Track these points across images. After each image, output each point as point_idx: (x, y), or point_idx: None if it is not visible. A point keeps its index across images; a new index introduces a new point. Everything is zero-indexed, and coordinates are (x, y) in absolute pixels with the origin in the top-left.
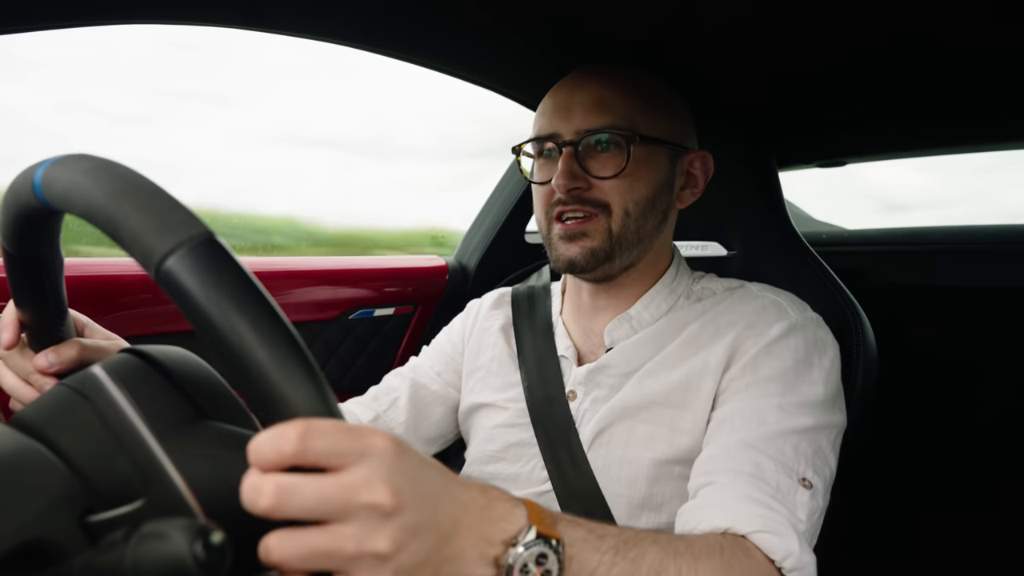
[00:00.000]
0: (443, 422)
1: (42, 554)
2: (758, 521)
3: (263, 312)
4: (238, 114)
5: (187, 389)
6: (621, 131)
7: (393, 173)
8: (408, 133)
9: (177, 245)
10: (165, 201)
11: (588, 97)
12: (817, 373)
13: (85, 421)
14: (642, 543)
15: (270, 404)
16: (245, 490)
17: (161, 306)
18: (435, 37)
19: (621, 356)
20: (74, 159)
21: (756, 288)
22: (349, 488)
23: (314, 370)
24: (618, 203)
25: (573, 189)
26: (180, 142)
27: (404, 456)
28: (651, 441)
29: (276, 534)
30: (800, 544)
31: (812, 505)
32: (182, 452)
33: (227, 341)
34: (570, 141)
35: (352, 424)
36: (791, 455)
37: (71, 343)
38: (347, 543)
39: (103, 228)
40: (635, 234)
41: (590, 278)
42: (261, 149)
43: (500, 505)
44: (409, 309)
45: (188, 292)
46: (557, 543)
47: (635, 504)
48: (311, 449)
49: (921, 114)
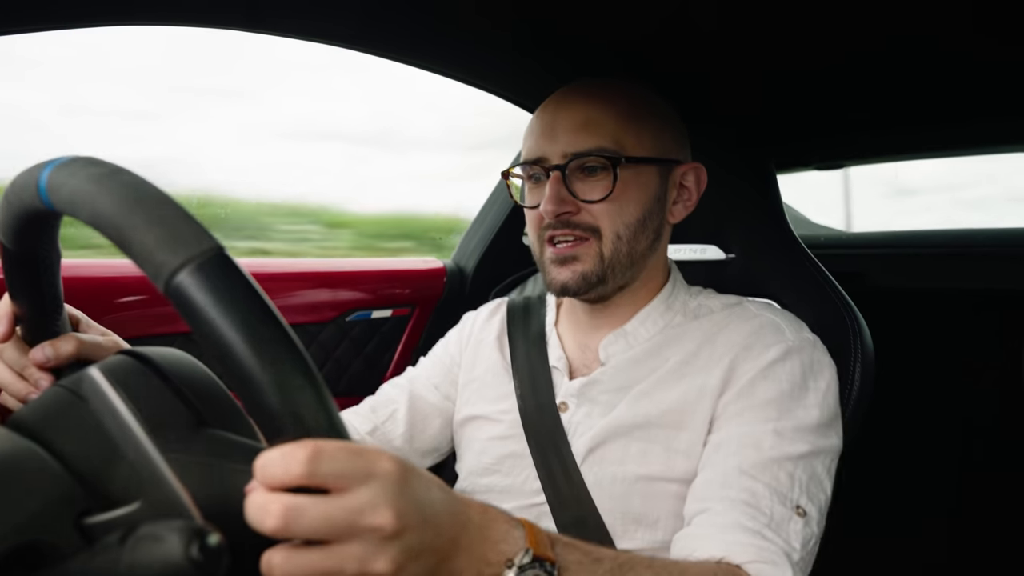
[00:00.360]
0: (440, 435)
1: (38, 556)
2: (752, 551)
3: (273, 331)
4: (249, 109)
5: (185, 393)
6: (607, 153)
7: (403, 164)
8: (416, 125)
9: (187, 260)
10: (175, 213)
11: (574, 118)
12: (813, 397)
13: (82, 423)
14: (637, 567)
15: (280, 423)
16: (251, 508)
17: (158, 307)
18: (433, 41)
19: (615, 372)
20: (81, 163)
21: (754, 307)
22: (354, 511)
23: (323, 391)
24: (608, 227)
25: (562, 214)
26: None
27: (410, 479)
28: (645, 459)
29: (280, 551)
30: (794, 574)
31: (807, 533)
32: (181, 459)
33: (237, 359)
34: (557, 165)
35: (360, 447)
36: (786, 482)
37: (68, 338)
38: (349, 564)
39: (111, 238)
40: (627, 256)
41: (584, 300)
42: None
43: (499, 526)
44: (407, 311)
45: (198, 308)
46: (553, 566)
47: (629, 520)
48: (319, 471)
49: (919, 117)
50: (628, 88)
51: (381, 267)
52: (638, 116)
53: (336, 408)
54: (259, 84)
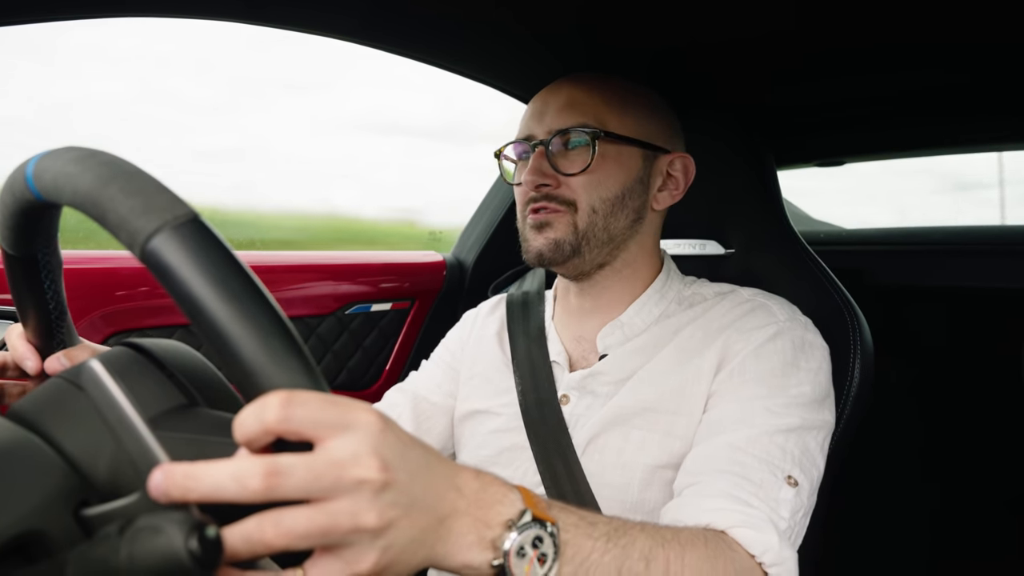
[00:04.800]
0: (444, 434)
1: (37, 547)
2: (736, 517)
3: (246, 288)
4: (316, 100)
5: (180, 379)
6: (588, 128)
7: (470, 157)
8: (485, 116)
9: (162, 225)
10: (150, 184)
11: (560, 99)
12: (804, 375)
13: (81, 414)
14: (631, 531)
15: (252, 379)
16: (234, 474)
17: (156, 299)
18: (437, 35)
19: (615, 363)
20: (63, 150)
21: (747, 292)
22: (337, 464)
23: (297, 344)
24: (584, 200)
25: (542, 186)
26: (259, 129)
27: (390, 431)
28: (645, 446)
29: (269, 517)
30: (780, 540)
31: (796, 503)
32: (171, 439)
33: (209, 317)
34: (542, 141)
35: (335, 396)
36: (777, 454)
37: (83, 348)
38: (343, 520)
39: (91, 214)
40: (604, 231)
41: (562, 272)
42: (340, 136)
43: (495, 488)
44: (406, 304)
45: (171, 270)
46: (553, 526)
47: (627, 508)
48: (293, 418)
49: (921, 113)
50: (618, 78)
51: (381, 260)
52: (623, 100)
53: (313, 360)
54: (327, 76)
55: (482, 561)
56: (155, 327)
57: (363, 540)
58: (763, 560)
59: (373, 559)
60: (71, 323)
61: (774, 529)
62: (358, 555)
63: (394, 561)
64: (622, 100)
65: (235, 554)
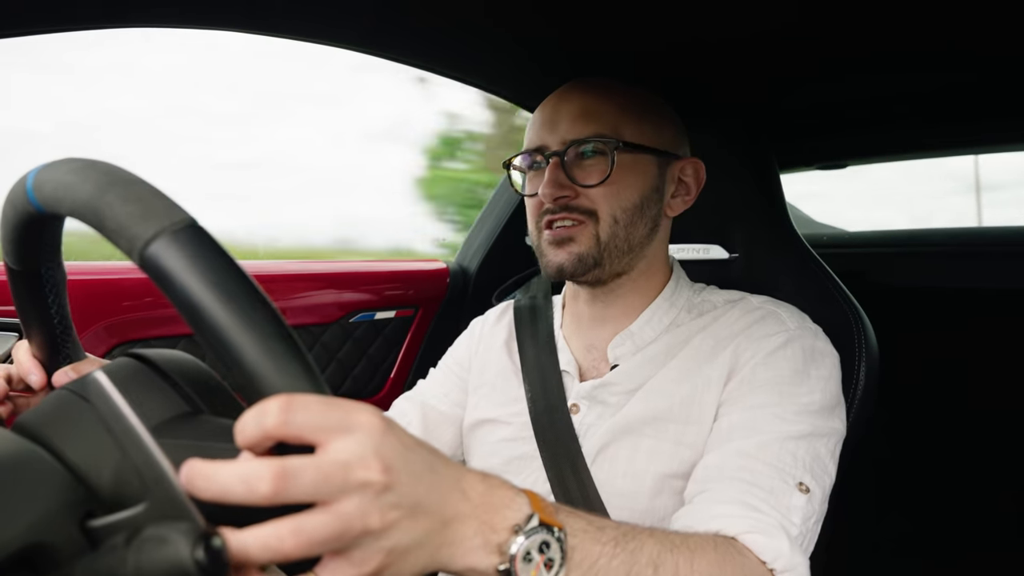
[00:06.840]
0: (453, 443)
1: (43, 558)
2: (747, 523)
3: (245, 292)
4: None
5: (184, 388)
6: (605, 139)
7: None
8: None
9: (160, 231)
10: (147, 191)
11: (573, 108)
12: (815, 382)
13: (86, 425)
14: (640, 536)
15: (253, 383)
16: (241, 478)
17: (161, 310)
18: (438, 44)
19: (625, 374)
20: (62, 161)
21: (756, 300)
22: (342, 465)
23: (297, 347)
24: (605, 210)
25: (560, 198)
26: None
27: (392, 433)
28: (655, 455)
29: (288, 524)
30: (791, 546)
31: (808, 510)
32: (174, 446)
33: (208, 322)
34: (556, 151)
35: (335, 398)
36: (788, 460)
37: (90, 362)
38: (354, 522)
39: (90, 222)
40: (625, 241)
41: (581, 282)
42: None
43: (502, 492)
44: (410, 312)
45: (170, 275)
46: (560, 531)
47: (637, 517)
48: (293, 421)
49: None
50: (628, 85)
51: (384, 268)
52: (636, 109)
53: (314, 363)
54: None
55: (488, 565)
56: (159, 337)
57: (367, 542)
58: (774, 566)
59: (377, 561)
60: (76, 338)
61: (785, 535)
62: (364, 557)
63: (398, 563)
64: (635, 108)
65: (252, 562)
